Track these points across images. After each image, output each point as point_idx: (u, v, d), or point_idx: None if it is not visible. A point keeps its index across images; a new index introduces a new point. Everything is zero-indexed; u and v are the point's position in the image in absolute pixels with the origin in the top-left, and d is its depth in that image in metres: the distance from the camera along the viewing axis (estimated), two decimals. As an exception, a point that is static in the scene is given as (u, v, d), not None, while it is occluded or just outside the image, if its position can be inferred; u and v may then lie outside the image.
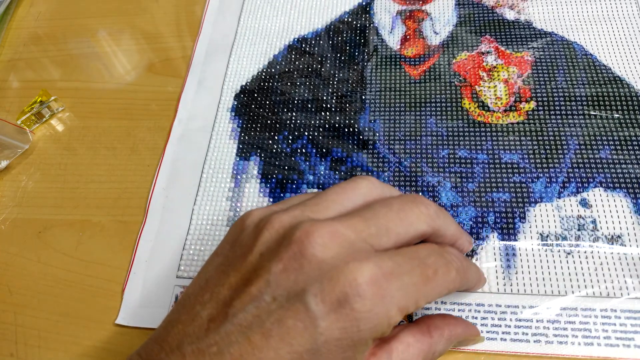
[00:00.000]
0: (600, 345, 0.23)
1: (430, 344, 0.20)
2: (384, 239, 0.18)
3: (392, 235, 0.19)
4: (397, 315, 0.17)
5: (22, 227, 0.30)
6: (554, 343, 0.23)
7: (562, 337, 0.23)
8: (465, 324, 0.22)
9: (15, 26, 0.40)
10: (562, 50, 0.32)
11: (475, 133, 0.29)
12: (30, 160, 0.33)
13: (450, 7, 0.35)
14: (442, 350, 0.20)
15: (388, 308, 0.16)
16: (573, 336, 0.23)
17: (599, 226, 0.26)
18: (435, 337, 0.20)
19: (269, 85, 0.33)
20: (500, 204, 0.27)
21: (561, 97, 0.30)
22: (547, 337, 0.23)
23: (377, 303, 0.16)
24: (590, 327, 0.23)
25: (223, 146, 0.31)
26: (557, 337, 0.23)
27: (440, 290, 0.18)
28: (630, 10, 0.33)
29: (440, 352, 0.20)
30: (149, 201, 0.30)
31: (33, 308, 0.27)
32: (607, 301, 0.24)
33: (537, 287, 0.25)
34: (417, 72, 0.32)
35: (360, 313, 0.16)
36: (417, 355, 0.19)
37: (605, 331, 0.23)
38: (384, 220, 0.19)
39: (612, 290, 0.24)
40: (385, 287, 0.16)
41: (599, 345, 0.23)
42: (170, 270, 0.27)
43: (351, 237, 0.18)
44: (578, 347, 0.23)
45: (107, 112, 0.34)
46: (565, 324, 0.23)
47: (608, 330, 0.23)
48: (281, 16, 0.37)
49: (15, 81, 0.37)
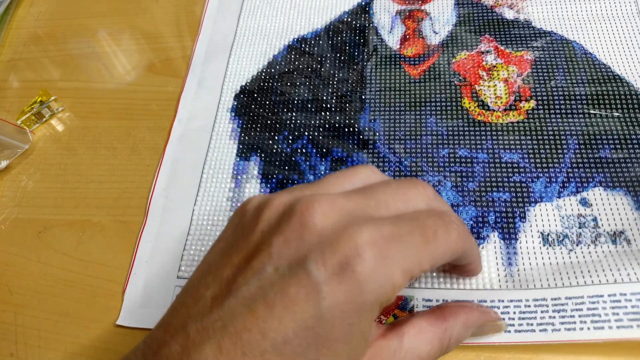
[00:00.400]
0: (612, 328, 0.22)
1: (445, 329, 0.19)
2: (384, 210, 0.18)
3: (392, 209, 0.18)
4: (401, 278, 0.17)
5: (22, 227, 0.30)
6: (561, 330, 0.23)
7: (570, 324, 0.23)
8: (482, 309, 0.22)
9: (15, 26, 0.40)
10: (561, 49, 0.32)
11: (475, 132, 0.29)
12: (30, 160, 0.33)
13: (449, 6, 0.35)
14: (459, 336, 0.20)
15: (391, 270, 0.16)
16: (581, 322, 0.23)
17: (600, 223, 0.26)
18: (451, 321, 0.20)
19: (268, 85, 0.33)
20: (501, 204, 0.27)
21: (561, 96, 0.30)
22: (554, 325, 0.23)
23: (379, 264, 0.16)
24: (600, 312, 0.23)
25: (223, 146, 0.31)
26: (564, 325, 0.23)
27: (442, 251, 0.18)
28: (629, 10, 0.33)
29: (457, 339, 0.20)
30: (149, 201, 0.30)
31: (33, 308, 0.27)
32: (615, 287, 0.23)
33: (541, 282, 0.24)
34: (417, 71, 0.32)
35: (363, 275, 0.16)
36: (432, 340, 0.19)
37: (616, 314, 0.22)
38: (383, 195, 0.19)
39: (620, 277, 0.23)
40: (385, 249, 0.16)
41: (611, 328, 0.22)
42: (170, 270, 0.27)
43: (350, 207, 0.18)
44: (587, 332, 0.22)
45: (107, 112, 0.34)
46: (572, 312, 0.23)
47: (619, 313, 0.22)
48: (281, 16, 0.37)
49: (15, 81, 0.37)
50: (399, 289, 0.17)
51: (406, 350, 0.18)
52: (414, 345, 0.19)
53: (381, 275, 0.16)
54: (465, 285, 0.25)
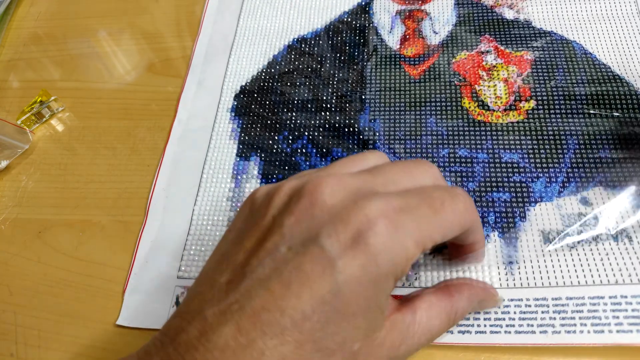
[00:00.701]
0: (612, 332, 0.22)
1: (451, 303, 0.20)
2: (391, 187, 0.19)
3: (399, 185, 0.19)
4: (414, 248, 0.17)
5: (22, 227, 0.30)
6: (561, 333, 0.23)
7: (570, 326, 0.23)
8: (482, 284, 0.23)
9: (15, 26, 0.40)
10: (561, 49, 0.32)
11: (475, 132, 0.29)
12: (30, 160, 0.33)
13: (449, 6, 0.35)
14: (464, 309, 0.21)
15: (403, 240, 0.17)
16: (582, 324, 0.23)
17: (602, 221, 0.26)
18: (456, 297, 0.21)
19: (268, 85, 0.33)
20: (501, 204, 0.27)
21: (561, 96, 0.30)
22: (554, 327, 0.23)
23: (392, 236, 0.16)
24: (600, 315, 0.23)
25: (223, 146, 0.31)
26: (564, 327, 0.23)
27: (451, 222, 0.18)
28: (629, 10, 0.33)
29: (462, 312, 0.21)
30: (149, 201, 0.30)
31: (33, 308, 0.27)
32: (616, 288, 0.23)
33: (542, 280, 0.24)
34: (417, 71, 0.32)
35: (376, 247, 0.16)
36: (440, 313, 0.20)
37: (617, 317, 0.22)
38: (390, 173, 0.19)
39: (621, 278, 0.24)
40: (396, 220, 0.17)
41: (611, 332, 0.22)
42: (170, 270, 0.27)
43: (359, 184, 0.18)
44: (588, 335, 0.22)
45: (107, 112, 0.34)
46: (572, 313, 0.23)
47: (619, 316, 0.22)
48: (280, 16, 0.37)
49: (15, 81, 0.37)
50: (412, 260, 0.17)
51: (418, 323, 0.19)
52: (425, 319, 0.19)
53: (394, 246, 0.16)
54: (465, 285, 0.25)
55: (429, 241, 0.17)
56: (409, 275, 0.25)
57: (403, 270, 0.17)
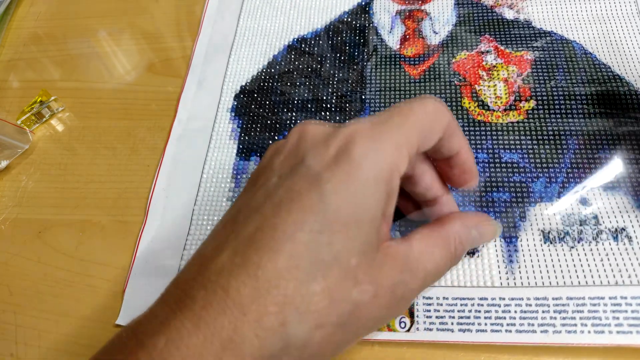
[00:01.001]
0: (612, 333, 0.22)
1: (446, 229, 0.20)
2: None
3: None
4: (395, 151, 0.17)
5: (22, 227, 0.30)
6: (562, 332, 0.23)
7: (571, 326, 0.23)
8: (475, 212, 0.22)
9: (15, 26, 0.40)
10: (561, 49, 0.32)
11: (475, 132, 0.29)
12: (30, 160, 0.33)
13: (449, 6, 0.35)
14: (461, 236, 0.20)
15: (382, 146, 0.17)
16: (582, 325, 0.23)
17: (601, 221, 0.26)
18: (448, 224, 0.20)
19: (268, 85, 0.33)
20: (501, 204, 0.27)
21: (561, 96, 0.30)
22: (555, 327, 0.23)
23: (370, 144, 0.17)
24: (600, 315, 0.23)
25: (223, 146, 0.31)
26: (565, 327, 0.23)
27: (424, 123, 0.18)
28: (629, 10, 0.33)
29: (460, 239, 0.20)
30: (149, 201, 0.30)
31: (33, 308, 0.27)
32: (616, 289, 0.23)
33: (542, 280, 0.24)
34: (417, 71, 0.32)
35: (357, 154, 0.17)
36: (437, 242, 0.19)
37: (617, 318, 0.23)
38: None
39: (621, 279, 0.24)
40: (377, 130, 0.17)
41: (611, 332, 0.22)
42: (170, 271, 0.27)
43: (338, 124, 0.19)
44: (588, 335, 0.22)
45: (107, 112, 0.34)
46: (573, 313, 0.23)
47: (619, 317, 0.23)
48: (280, 16, 0.37)
49: (15, 81, 0.37)
50: (396, 166, 0.17)
51: (418, 253, 0.18)
52: (424, 247, 0.19)
53: (375, 152, 0.17)
54: (466, 283, 0.25)
55: (408, 145, 0.18)
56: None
57: (390, 177, 0.17)
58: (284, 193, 0.17)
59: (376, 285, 0.17)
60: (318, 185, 0.16)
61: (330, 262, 0.16)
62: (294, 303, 0.15)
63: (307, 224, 0.16)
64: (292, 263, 0.15)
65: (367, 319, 0.17)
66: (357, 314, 0.16)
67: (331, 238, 0.16)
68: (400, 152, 0.17)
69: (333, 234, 0.16)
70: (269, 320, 0.15)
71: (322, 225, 0.16)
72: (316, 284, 0.16)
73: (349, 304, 0.16)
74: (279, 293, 0.15)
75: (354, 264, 0.16)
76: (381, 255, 0.17)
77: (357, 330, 0.17)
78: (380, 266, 0.17)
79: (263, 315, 0.15)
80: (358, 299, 0.16)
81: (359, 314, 0.16)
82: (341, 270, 0.16)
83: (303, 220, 0.16)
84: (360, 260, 0.16)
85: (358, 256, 0.16)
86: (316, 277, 0.16)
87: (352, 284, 0.16)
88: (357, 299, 0.16)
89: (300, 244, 0.16)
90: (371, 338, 0.24)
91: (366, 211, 0.17)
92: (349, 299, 0.16)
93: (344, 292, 0.16)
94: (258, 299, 0.15)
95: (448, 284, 0.25)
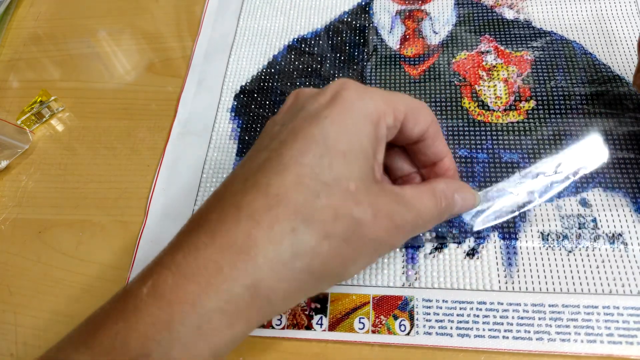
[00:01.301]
0: (603, 343, 0.23)
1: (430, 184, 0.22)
2: None
3: None
4: (383, 104, 0.20)
5: (22, 227, 0.30)
6: (556, 341, 0.23)
7: (565, 334, 0.23)
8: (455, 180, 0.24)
9: (15, 26, 0.40)
10: (561, 49, 0.32)
11: (475, 132, 0.29)
12: (30, 160, 0.33)
13: (449, 6, 0.35)
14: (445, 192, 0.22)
15: (371, 96, 0.20)
16: (576, 333, 0.23)
17: (600, 224, 0.26)
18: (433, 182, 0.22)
19: (269, 85, 0.33)
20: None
21: (561, 96, 0.30)
22: (550, 334, 0.23)
23: (361, 95, 0.19)
24: (593, 325, 0.23)
25: (223, 146, 0.31)
26: (559, 335, 0.23)
27: (410, 100, 0.21)
28: (629, 10, 0.33)
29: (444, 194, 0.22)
30: (149, 201, 0.30)
31: (33, 308, 0.27)
32: (609, 298, 0.24)
33: (540, 285, 0.25)
34: (417, 71, 0.32)
35: (350, 97, 0.19)
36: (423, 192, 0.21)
37: (608, 328, 0.23)
38: None
39: (615, 288, 0.24)
40: (364, 89, 0.20)
41: (602, 342, 0.23)
42: (170, 270, 0.27)
43: None
44: (581, 344, 0.23)
45: (107, 112, 0.34)
46: (567, 322, 0.23)
47: (611, 327, 0.23)
48: (281, 16, 0.37)
49: (15, 81, 0.37)
50: (383, 113, 0.20)
51: (410, 195, 0.20)
52: (414, 193, 0.20)
53: (364, 99, 0.19)
54: (465, 286, 0.25)
55: (394, 105, 0.20)
56: (409, 276, 0.26)
57: (377, 121, 0.19)
58: (287, 132, 0.19)
59: (374, 208, 0.18)
60: (317, 120, 0.18)
61: (331, 183, 0.18)
62: (302, 213, 0.17)
63: (310, 151, 0.18)
64: (298, 181, 0.17)
65: (369, 238, 0.18)
66: (359, 231, 0.18)
67: (331, 162, 0.18)
68: (387, 106, 0.20)
69: (333, 159, 0.18)
70: (280, 227, 0.17)
71: (323, 151, 0.18)
72: (320, 200, 0.17)
73: (352, 220, 0.18)
74: (288, 205, 0.17)
75: (353, 188, 0.18)
76: (377, 187, 0.19)
77: (361, 249, 0.18)
78: (377, 195, 0.19)
79: (274, 223, 0.17)
80: (359, 216, 0.18)
81: (361, 232, 0.18)
82: (341, 192, 0.18)
83: (306, 148, 0.18)
84: (358, 186, 0.18)
85: (356, 182, 0.18)
86: (320, 194, 0.17)
87: (352, 203, 0.18)
88: (358, 216, 0.18)
89: (305, 166, 0.18)
90: (372, 340, 0.24)
91: (360, 145, 0.19)
92: (351, 215, 0.18)
93: (345, 209, 0.17)
94: (269, 210, 0.17)
95: (447, 286, 0.25)
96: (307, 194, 0.17)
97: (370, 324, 0.25)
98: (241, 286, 0.16)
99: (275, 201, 0.17)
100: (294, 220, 0.17)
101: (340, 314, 0.25)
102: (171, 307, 0.16)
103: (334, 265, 0.18)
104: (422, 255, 0.26)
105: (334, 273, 0.18)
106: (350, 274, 0.19)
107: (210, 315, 0.16)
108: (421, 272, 0.26)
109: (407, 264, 0.26)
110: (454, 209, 0.22)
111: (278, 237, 0.17)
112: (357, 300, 0.25)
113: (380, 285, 0.26)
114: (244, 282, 0.16)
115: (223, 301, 0.16)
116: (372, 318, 0.25)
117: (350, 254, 0.18)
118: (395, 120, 0.20)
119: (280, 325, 0.25)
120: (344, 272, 0.19)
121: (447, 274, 0.25)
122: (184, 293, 0.16)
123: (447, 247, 0.26)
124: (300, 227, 0.17)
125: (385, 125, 0.20)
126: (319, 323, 0.25)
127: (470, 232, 0.26)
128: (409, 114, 0.21)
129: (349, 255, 0.18)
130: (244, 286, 0.16)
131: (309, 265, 0.17)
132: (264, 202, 0.17)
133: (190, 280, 0.16)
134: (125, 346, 0.16)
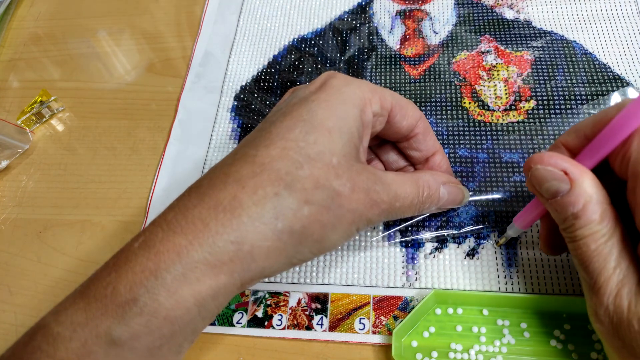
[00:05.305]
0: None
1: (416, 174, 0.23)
2: None
3: None
4: (369, 92, 0.21)
5: (22, 227, 0.30)
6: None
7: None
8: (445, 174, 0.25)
9: (15, 26, 0.40)
10: (561, 49, 0.32)
11: (476, 132, 0.29)
12: (30, 160, 0.33)
13: (449, 6, 0.35)
14: (429, 183, 0.23)
15: (358, 85, 0.21)
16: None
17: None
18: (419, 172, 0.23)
19: (269, 85, 0.33)
20: (501, 204, 0.27)
21: (561, 96, 0.30)
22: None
23: (352, 82, 0.21)
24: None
25: (223, 146, 0.31)
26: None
27: (397, 96, 0.22)
28: (629, 10, 0.33)
29: (428, 185, 0.23)
30: (149, 201, 0.30)
31: (33, 308, 0.27)
32: None
33: (539, 287, 0.24)
34: (417, 71, 0.32)
35: (338, 85, 0.21)
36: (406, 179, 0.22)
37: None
38: None
39: None
40: (350, 79, 0.21)
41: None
42: (170, 270, 0.27)
43: None
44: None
45: (107, 112, 0.34)
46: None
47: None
48: (281, 16, 0.37)
49: (15, 81, 0.37)
50: (369, 101, 0.21)
51: (392, 179, 0.21)
52: (396, 178, 0.22)
53: (351, 86, 0.21)
54: (465, 287, 0.25)
55: (380, 94, 0.21)
56: (409, 276, 0.25)
57: (363, 107, 0.21)
58: (278, 115, 0.20)
59: (353, 182, 0.20)
60: (305, 103, 0.20)
61: (314, 156, 0.19)
62: (285, 180, 0.18)
63: (296, 127, 0.19)
64: (284, 153, 0.19)
65: (346, 209, 0.19)
66: (337, 201, 0.19)
67: (316, 138, 0.19)
68: (373, 94, 0.21)
69: (318, 136, 0.19)
70: (264, 192, 0.18)
71: (309, 128, 0.19)
72: (303, 170, 0.19)
73: (331, 190, 0.19)
74: (272, 173, 0.18)
75: (335, 162, 0.19)
76: (359, 166, 0.20)
77: (339, 217, 0.19)
78: (358, 172, 0.20)
79: (258, 187, 0.18)
80: (338, 188, 0.19)
81: (339, 201, 0.19)
82: (324, 164, 0.19)
83: (293, 125, 0.19)
84: (340, 161, 0.19)
85: (338, 157, 0.19)
86: (303, 165, 0.19)
87: (333, 176, 0.19)
88: (337, 188, 0.19)
89: (290, 140, 0.19)
90: (372, 341, 0.24)
91: (346, 124, 0.20)
92: (331, 186, 0.19)
93: (326, 180, 0.19)
94: (254, 177, 0.18)
95: (447, 286, 0.25)
96: (291, 165, 0.19)
97: (371, 324, 0.25)
98: (225, 241, 0.18)
99: (260, 169, 0.19)
100: (277, 186, 0.18)
101: (340, 315, 0.25)
102: (158, 256, 0.18)
103: (313, 229, 0.19)
104: (422, 255, 0.26)
105: (314, 238, 0.19)
106: (330, 243, 0.20)
107: (194, 264, 0.18)
108: (421, 273, 0.26)
109: (407, 264, 0.26)
110: (439, 201, 0.23)
111: (262, 199, 0.18)
112: (357, 300, 0.25)
113: (381, 286, 0.26)
114: (228, 237, 0.18)
115: (207, 252, 0.18)
116: (373, 318, 0.25)
117: (328, 220, 0.19)
118: (382, 108, 0.22)
119: (281, 326, 0.25)
120: (323, 238, 0.20)
121: (447, 274, 0.25)
122: (172, 245, 0.18)
123: (447, 247, 0.26)
124: (283, 192, 0.18)
125: (371, 111, 0.21)
126: (319, 323, 0.25)
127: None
128: (396, 105, 0.22)
129: (328, 221, 0.19)
130: (228, 241, 0.18)
131: (290, 227, 0.18)
132: (250, 169, 0.19)
133: (178, 234, 0.18)
134: (116, 292, 0.18)
